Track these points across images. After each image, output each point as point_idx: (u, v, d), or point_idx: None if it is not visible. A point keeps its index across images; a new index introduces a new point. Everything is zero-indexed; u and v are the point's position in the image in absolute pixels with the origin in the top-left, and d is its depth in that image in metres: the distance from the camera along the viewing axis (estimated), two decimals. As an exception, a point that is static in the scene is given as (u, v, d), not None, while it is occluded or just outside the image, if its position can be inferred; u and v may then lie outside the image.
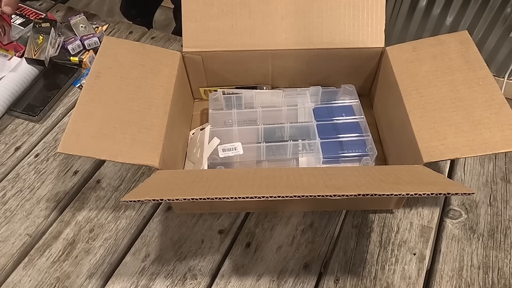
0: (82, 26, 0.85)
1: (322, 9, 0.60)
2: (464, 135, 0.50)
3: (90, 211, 0.62)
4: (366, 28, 0.62)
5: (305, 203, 0.61)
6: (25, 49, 0.79)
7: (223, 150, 0.61)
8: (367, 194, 0.40)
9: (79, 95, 0.54)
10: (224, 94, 0.68)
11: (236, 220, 0.61)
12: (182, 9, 0.60)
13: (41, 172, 0.67)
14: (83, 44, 0.83)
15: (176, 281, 0.55)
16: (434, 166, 0.66)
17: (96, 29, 0.87)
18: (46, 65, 0.77)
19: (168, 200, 0.43)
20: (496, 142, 0.49)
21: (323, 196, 0.40)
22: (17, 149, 0.70)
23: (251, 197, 0.41)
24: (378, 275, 0.55)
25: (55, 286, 0.55)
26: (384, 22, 0.62)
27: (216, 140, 0.61)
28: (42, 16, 0.89)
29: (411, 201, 0.62)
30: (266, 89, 0.71)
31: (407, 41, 0.61)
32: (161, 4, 1.44)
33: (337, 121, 0.66)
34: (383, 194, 0.40)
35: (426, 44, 0.60)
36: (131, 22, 1.17)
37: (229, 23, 0.61)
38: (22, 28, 0.86)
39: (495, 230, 0.59)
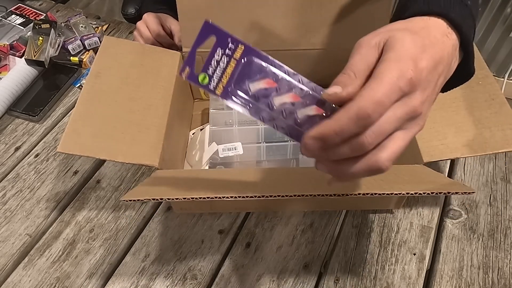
0: (82, 26, 0.85)
1: (323, 9, 0.60)
2: (464, 134, 0.50)
3: (90, 211, 0.62)
4: (366, 28, 0.62)
5: (305, 203, 0.61)
6: (25, 49, 0.79)
7: (223, 149, 0.61)
8: (367, 194, 0.40)
9: (79, 95, 0.54)
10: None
11: (236, 220, 0.61)
12: (177, 7, 0.60)
13: (41, 172, 0.67)
14: (83, 44, 0.83)
15: (176, 281, 0.55)
16: (434, 166, 0.66)
17: (96, 29, 0.87)
18: (46, 66, 0.77)
19: (168, 199, 0.43)
20: (496, 141, 0.49)
21: (323, 195, 0.40)
22: (17, 149, 0.70)
23: (251, 196, 0.41)
24: (378, 275, 0.55)
25: (55, 286, 0.55)
26: (387, 22, 0.61)
27: (214, 146, 0.61)
28: (42, 16, 0.89)
29: (411, 201, 0.62)
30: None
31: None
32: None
33: None
34: (383, 194, 0.40)
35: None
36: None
37: (228, 23, 0.61)
38: (22, 28, 0.87)
39: (495, 230, 0.59)
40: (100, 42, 0.75)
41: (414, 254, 0.57)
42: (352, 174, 0.31)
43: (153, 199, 0.42)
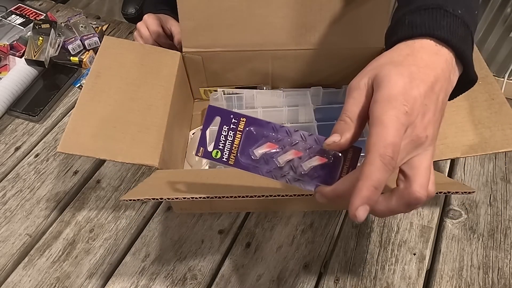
0: (82, 26, 0.85)
1: (323, 9, 0.60)
2: (464, 134, 0.50)
3: (90, 211, 0.62)
4: (366, 28, 0.62)
5: (305, 203, 0.61)
6: (25, 49, 0.79)
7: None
8: None
9: (79, 95, 0.54)
10: (225, 94, 0.68)
11: (236, 220, 0.61)
12: (177, 8, 0.60)
13: (41, 172, 0.67)
14: (83, 44, 0.83)
15: (176, 281, 0.55)
16: (434, 166, 0.65)
17: (96, 29, 0.87)
18: (46, 66, 0.77)
19: (168, 199, 0.43)
20: (496, 141, 0.49)
21: None
22: (17, 149, 0.70)
23: (251, 196, 0.41)
24: (378, 275, 0.55)
25: (55, 286, 0.55)
26: (386, 21, 0.62)
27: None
28: (42, 16, 0.89)
29: (411, 201, 0.62)
30: (266, 89, 0.71)
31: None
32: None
33: None
34: (383, 193, 0.40)
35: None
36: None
37: (228, 23, 0.61)
38: (22, 28, 0.87)
39: (495, 230, 0.59)
40: (100, 42, 0.75)
41: (414, 254, 0.57)
42: (395, 212, 0.32)
43: (153, 199, 0.43)
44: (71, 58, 0.81)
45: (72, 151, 0.50)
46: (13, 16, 0.89)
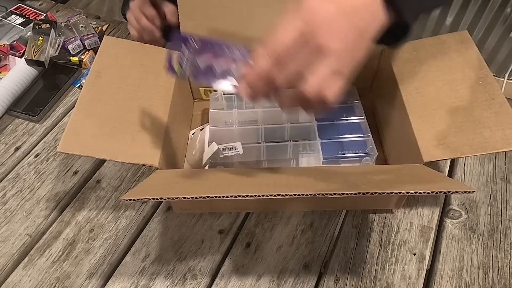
0: (82, 26, 0.85)
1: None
2: (464, 134, 0.50)
3: (90, 211, 0.62)
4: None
5: (305, 203, 0.61)
6: (25, 49, 0.79)
7: (223, 149, 0.61)
8: (368, 193, 0.40)
9: (79, 95, 0.54)
10: (225, 94, 0.68)
11: (236, 220, 0.61)
12: (178, 7, 0.60)
13: (41, 172, 0.67)
14: (83, 44, 0.83)
15: (176, 281, 0.55)
16: (434, 166, 0.66)
17: (96, 29, 0.87)
18: (46, 66, 0.77)
19: (168, 198, 0.43)
20: (496, 141, 0.49)
21: (323, 194, 0.40)
22: (17, 149, 0.70)
23: (251, 196, 0.41)
24: (378, 275, 0.55)
25: (55, 286, 0.55)
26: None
27: (214, 146, 0.61)
28: (42, 16, 0.89)
29: (411, 201, 0.62)
30: (266, 89, 0.71)
31: (406, 41, 0.61)
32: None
33: (337, 122, 0.65)
34: (383, 193, 0.40)
35: (426, 43, 0.60)
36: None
37: (229, 22, 0.61)
38: (22, 28, 0.87)
39: (495, 230, 0.59)
40: (100, 42, 0.75)
41: (414, 254, 0.57)
42: (291, 106, 0.37)
43: (153, 199, 0.43)
44: (71, 58, 0.81)
45: (72, 151, 0.50)
46: (13, 16, 0.89)
